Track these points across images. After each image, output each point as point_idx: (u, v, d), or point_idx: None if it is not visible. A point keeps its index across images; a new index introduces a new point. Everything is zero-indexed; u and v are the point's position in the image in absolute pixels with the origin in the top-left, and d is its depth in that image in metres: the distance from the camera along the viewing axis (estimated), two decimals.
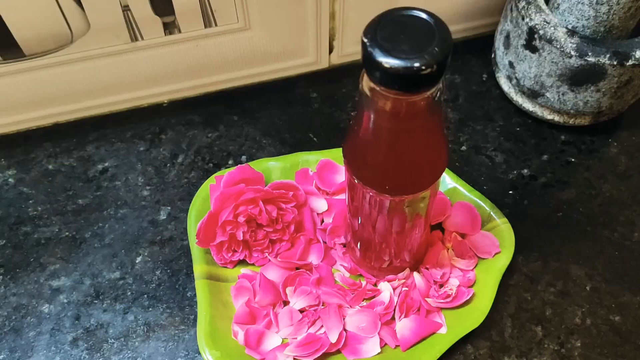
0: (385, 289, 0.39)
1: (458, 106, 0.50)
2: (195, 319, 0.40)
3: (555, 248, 0.43)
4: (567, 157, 0.47)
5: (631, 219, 0.44)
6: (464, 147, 0.48)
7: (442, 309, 0.39)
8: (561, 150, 0.48)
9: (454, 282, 0.39)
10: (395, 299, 0.39)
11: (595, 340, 0.39)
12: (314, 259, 0.41)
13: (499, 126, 0.49)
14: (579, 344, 0.39)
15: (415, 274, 0.40)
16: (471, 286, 0.40)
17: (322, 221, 0.43)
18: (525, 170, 0.47)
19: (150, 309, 0.40)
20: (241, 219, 0.39)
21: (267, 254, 0.41)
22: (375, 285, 0.40)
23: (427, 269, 0.40)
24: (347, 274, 0.41)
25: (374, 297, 0.40)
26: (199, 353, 0.37)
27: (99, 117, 0.50)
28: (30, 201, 0.45)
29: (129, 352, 0.39)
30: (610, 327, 0.40)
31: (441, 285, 0.40)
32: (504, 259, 0.40)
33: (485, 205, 0.42)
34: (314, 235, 0.42)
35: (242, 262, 0.41)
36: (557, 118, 0.47)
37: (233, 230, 0.39)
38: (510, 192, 0.46)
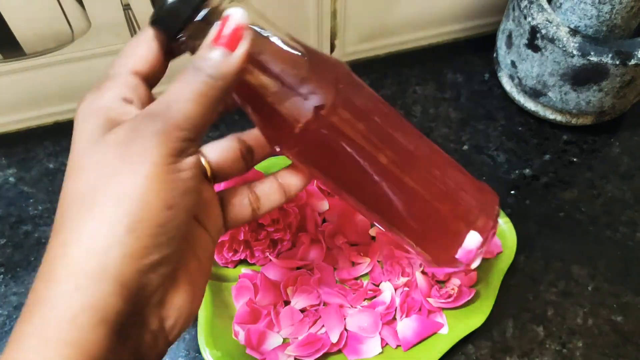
0: (387, 288, 0.39)
1: (460, 105, 0.50)
2: (196, 319, 0.39)
3: (557, 248, 0.43)
4: (569, 157, 0.47)
5: (633, 219, 0.44)
6: (465, 147, 0.48)
7: (443, 309, 0.39)
8: (563, 150, 0.48)
9: (455, 282, 0.39)
10: (397, 299, 0.39)
11: (597, 340, 0.39)
12: (315, 258, 0.41)
13: (501, 125, 0.49)
14: (581, 344, 0.39)
15: (417, 273, 0.39)
16: (473, 286, 0.40)
17: (324, 221, 0.43)
18: (527, 170, 0.47)
19: None
20: None
21: (268, 254, 0.41)
22: (376, 284, 0.40)
23: None
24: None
25: (375, 297, 0.39)
26: (200, 353, 0.37)
27: None
28: (31, 200, 0.45)
29: None
30: (612, 327, 0.39)
31: (443, 285, 0.40)
32: (506, 259, 0.40)
33: None
34: (315, 235, 0.42)
35: (243, 262, 0.41)
36: (559, 118, 0.47)
37: (234, 230, 0.39)
38: (512, 191, 0.45)
